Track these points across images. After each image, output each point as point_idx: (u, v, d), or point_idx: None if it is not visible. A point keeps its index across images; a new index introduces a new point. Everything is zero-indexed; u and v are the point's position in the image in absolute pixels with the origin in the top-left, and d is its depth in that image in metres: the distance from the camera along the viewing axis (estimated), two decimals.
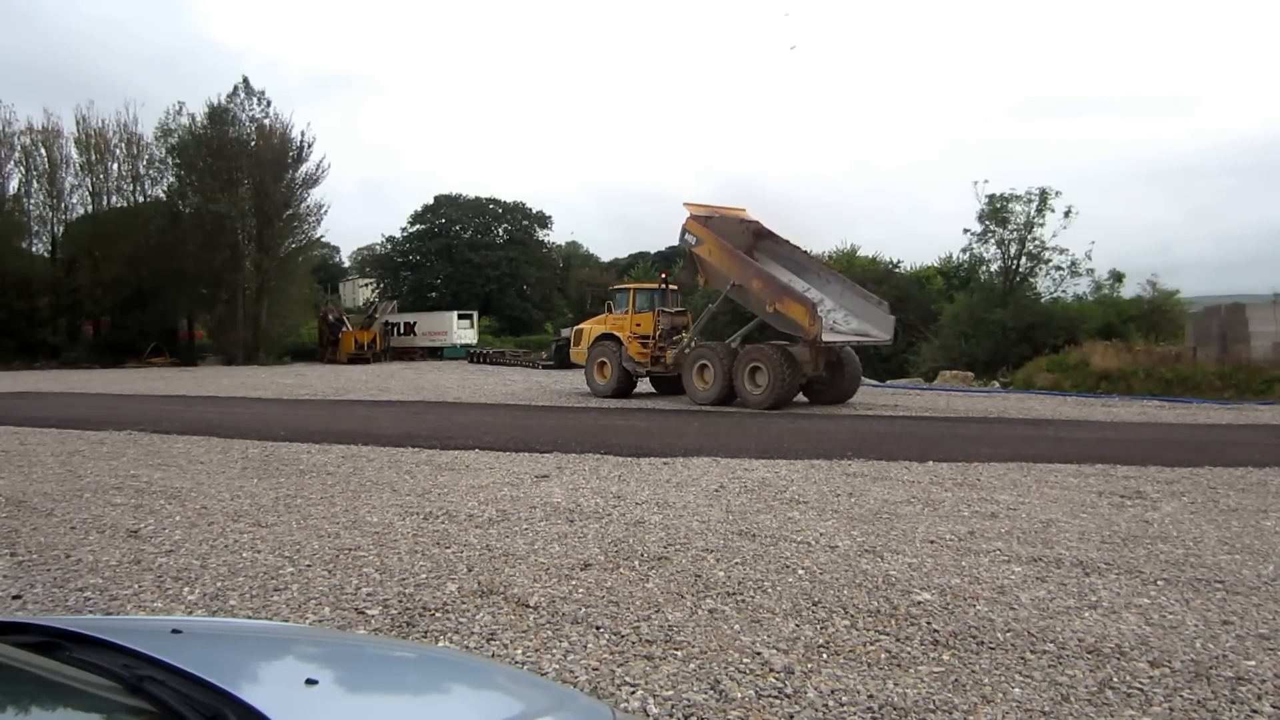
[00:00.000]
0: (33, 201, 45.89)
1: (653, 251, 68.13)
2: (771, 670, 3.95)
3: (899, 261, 38.50)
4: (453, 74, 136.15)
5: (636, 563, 5.72)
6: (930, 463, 10.19)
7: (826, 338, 17.64)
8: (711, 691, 3.71)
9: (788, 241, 21.11)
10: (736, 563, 5.74)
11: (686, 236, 19.87)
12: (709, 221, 20.10)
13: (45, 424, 13.55)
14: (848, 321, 19.03)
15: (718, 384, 18.68)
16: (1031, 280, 31.71)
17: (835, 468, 9.88)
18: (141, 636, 1.82)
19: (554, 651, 4.13)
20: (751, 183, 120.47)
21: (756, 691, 3.72)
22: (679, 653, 4.15)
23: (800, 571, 5.55)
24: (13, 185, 45.20)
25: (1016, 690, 3.79)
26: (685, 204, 20.43)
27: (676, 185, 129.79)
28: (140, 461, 9.82)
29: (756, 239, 21.11)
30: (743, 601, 4.93)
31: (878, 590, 5.18)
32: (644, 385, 22.20)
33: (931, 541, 6.42)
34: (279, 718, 1.39)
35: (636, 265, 61.70)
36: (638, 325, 21.19)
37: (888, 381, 29.51)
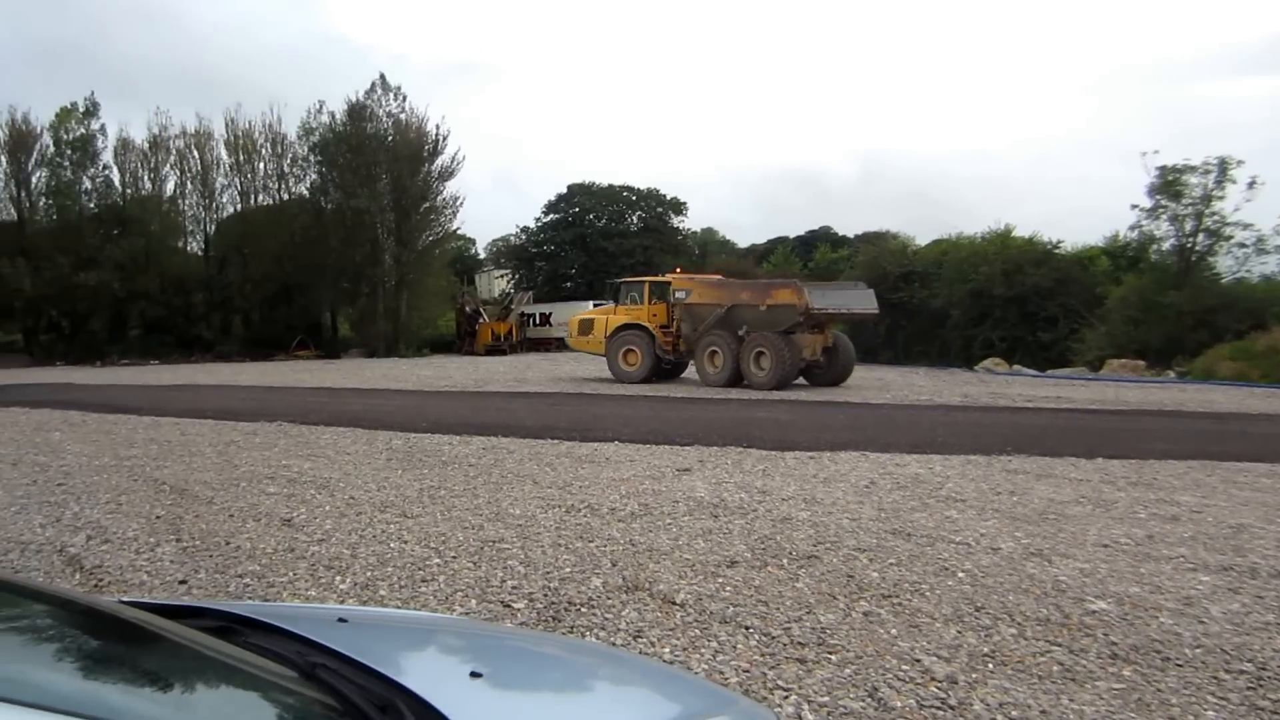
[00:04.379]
0: (187, 202, 48.71)
1: (792, 236, 67.08)
2: (933, 679, 3.71)
3: (1059, 242, 36.46)
4: (574, 57, 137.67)
5: (785, 561, 5.53)
6: (1100, 459, 9.57)
7: (817, 303, 20.03)
8: (869, 699, 3.51)
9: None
10: (891, 563, 5.48)
11: (677, 294, 22.63)
12: (692, 278, 23.82)
13: (202, 415, 14.29)
14: (834, 303, 21.39)
15: (727, 368, 20.69)
16: (1210, 259, 29.47)
17: (994, 464, 9.40)
18: (310, 624, 1.84)
19: (702, 651, 4.00)
20: (898, 161, 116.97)
21: (918, 701, 3.50)
22: (833, 656, 3.95)
23: (960, 574, 5.25)
24: (169, 187, 48.12)
25: (1210, 713, 3.45)
26: (670, 276, 24.08)
27: (822, 166, 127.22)
28: (291, 452, 10.22)
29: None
30: (899, 604, 4.69)
31: (1047, 597, 4.83)
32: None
33: (1105, 545, 5.98)
34: (448, 710, 1.38)
35: (776, 250, 60.82)
36: (654, 316, 23.10)
37: (1048, 371, 28.11)
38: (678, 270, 26.04)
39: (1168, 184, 28.78)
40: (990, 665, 3.88)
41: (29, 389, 21.38)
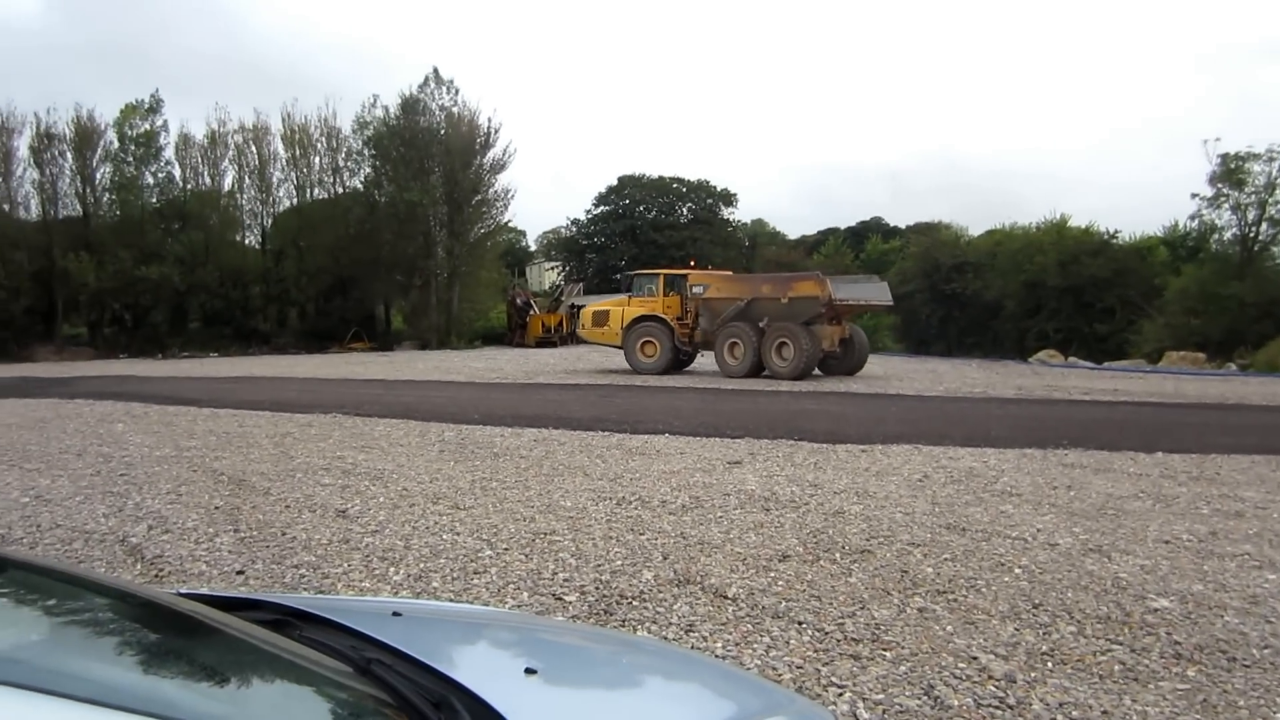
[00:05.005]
0: (245, 196, 49.55)
1: (842, 227, 66.41)
2: (991, 677, 3.66)
3: (1116, 232, 35.68)
4: (627, 49, 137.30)
5: (837, 555, 5.49)
6: (1159, 454, 9.36)
7: (839, 295, 20.55)
8: (925, 697, 3.47)
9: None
10: (946, 558, 5.41)
11: (695, 288, 22.92)
12: (709, 273, 24.63)
13: (259, 407, 14.50)
14: (854, 295, 22.00)
15: (748, 359, 21.13)
16: (1274, 249, 28.70)
17: (1050, 457, 9.23)
18: (365, 618, 1.85)
19: (755, 646, 3.98)
20: (952, 152, 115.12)
21: (975, 700, 3.45)
22: (888, 653, 3.91)
23: (1017, 570, 5.16)
24: (228, 182, 49.02)
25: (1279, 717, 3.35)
26: (687, 272, 24.63)
27: (875, 158, 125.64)
28: (345, 443, 10.34)
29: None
30: (954, 601, 4.62)
31: (1106, 594, 4.73)
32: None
33: (1166, 542, 5.84)
34: (502, 707, 1.38)
35: (827, 241, 60.27)
36: (668, 308, 23.41)
37: (1104, 364, 27.55)
38: (691, 263, 26.83)
39: (1230, 172, 28.03)
40: (1049, 664, 3.82)
41: (94, 381, 21.94)
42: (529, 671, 1.61)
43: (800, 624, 4.27)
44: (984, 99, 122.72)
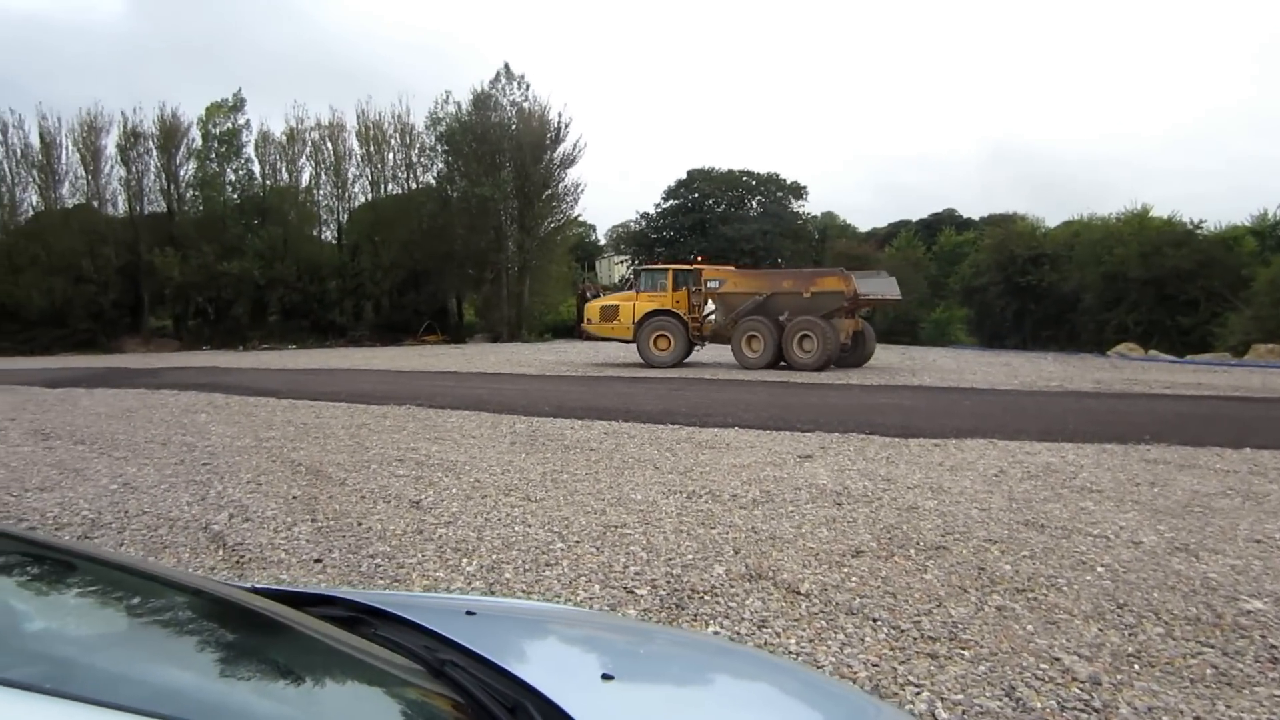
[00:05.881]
0: (322, 192, 50.77)
1: (914, 219, 65.31)
2: (1075, 679, 3.55)
3: (1201, 222, 34.46)
4: (696, 43, 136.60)
5: (912, 551, 5.39)
6: (1248, 449, 9.02)
7: (862, 289, 21.51)
8: (1006, 699, 3.38)
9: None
10: (1024, 556, 5.28)
11: (710, 283, 23.35)
12: (721, 269, 24.92)
13: (336, 398, 14.78)
14: (872, 289, 22.73)
15: (768, 351, 21.76)
16: None
17: (1131, 453, 8.95)
18: (438, 616, 1.85)
19: (829, 644, 3.93)
20: (1027, 143, 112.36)
21: (1059, 703, 3.35)
22: (966, 652, 3.83)
23: (1099, 569, 5.01)
24: (305, 178, 50.23)
25: None
26: (698, 265, 24.97)
27: (947, 149, 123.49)
28: (419, 435, 10.47)
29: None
30: (1034, 599, 4.51)
31: (1195, 595, 4.57)
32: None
33: (1258, 541, 5.62)
34: (578, 715, 1.36)
35: (899, 234, 59.34)
36: (677, 302, 23.90)
37: (1187, 357, 26.67)
38: (698, 259, 27.54)
39: None
40: (1136, 666, 3.69)
41: (178, 372, 22.65)
42: (606, 677, 1.59)
43: (875, 621, 4.20)
44: (1059, 83, 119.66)
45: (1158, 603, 4.45)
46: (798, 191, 66.24)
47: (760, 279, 23.53)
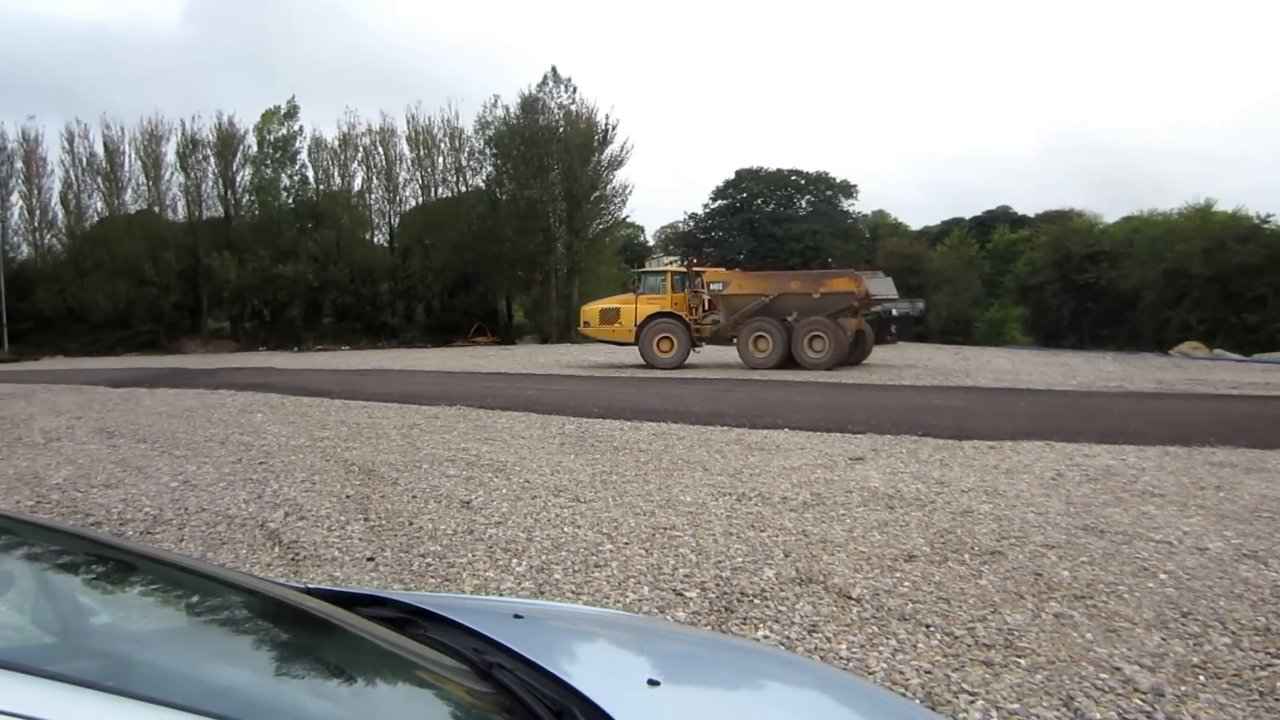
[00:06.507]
0: (373, 196, 51.65)
1: (968, 217, 64.35)
2: (1136, 690, 3.45)
3: (1269, 215, 33.47)
4: (744, 43, 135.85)
5: (966, 556, 5.29)
6: None
7: (872, 289, 21.76)
8: (1064, 709, 3.30)
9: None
10: (1083, 561, 5.15)
11: (714, 285, 23.48)
12: (723, 271, 25.45)
13: (388, 399, 14.94)
14: (876, 290, 22.66)
15: (777, 351, 21.84)
16: None
17: (1195, 455, 8.72)
18: (487, 618, 1.86)
19: (881, 649, 3.87)
20: (1084, 137, 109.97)
21: (1119, 713, 3.26)
22: (1022, 661, 3.74)
23: (1162, 576, 4.87)
24: (357, 183, 51.15)
25: None
26: (699, 268, 25.21)
27: (1002, 144, 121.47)
28: (469, 435, 10.54)
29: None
30: (1093, 607, 4.39)
31: (1264, 604, 4.42)
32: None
33: None
34: None
35: (951, 231, 58.51)
36: (676, 304, 24.05)
37: (1254, 356, 25.94)
38: (694, 261, 27.91)
39: None
40: (1201, 678, 3.58)
41: (236, 373, 23.11)
42: (652, 683, 1.58)
43: (928, 627, 4.13)
44: (1116, 71, 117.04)
45: (1224, 611, 4.31)
46: (847, 190, 65.71)
47: (766, 280, 23.78)
